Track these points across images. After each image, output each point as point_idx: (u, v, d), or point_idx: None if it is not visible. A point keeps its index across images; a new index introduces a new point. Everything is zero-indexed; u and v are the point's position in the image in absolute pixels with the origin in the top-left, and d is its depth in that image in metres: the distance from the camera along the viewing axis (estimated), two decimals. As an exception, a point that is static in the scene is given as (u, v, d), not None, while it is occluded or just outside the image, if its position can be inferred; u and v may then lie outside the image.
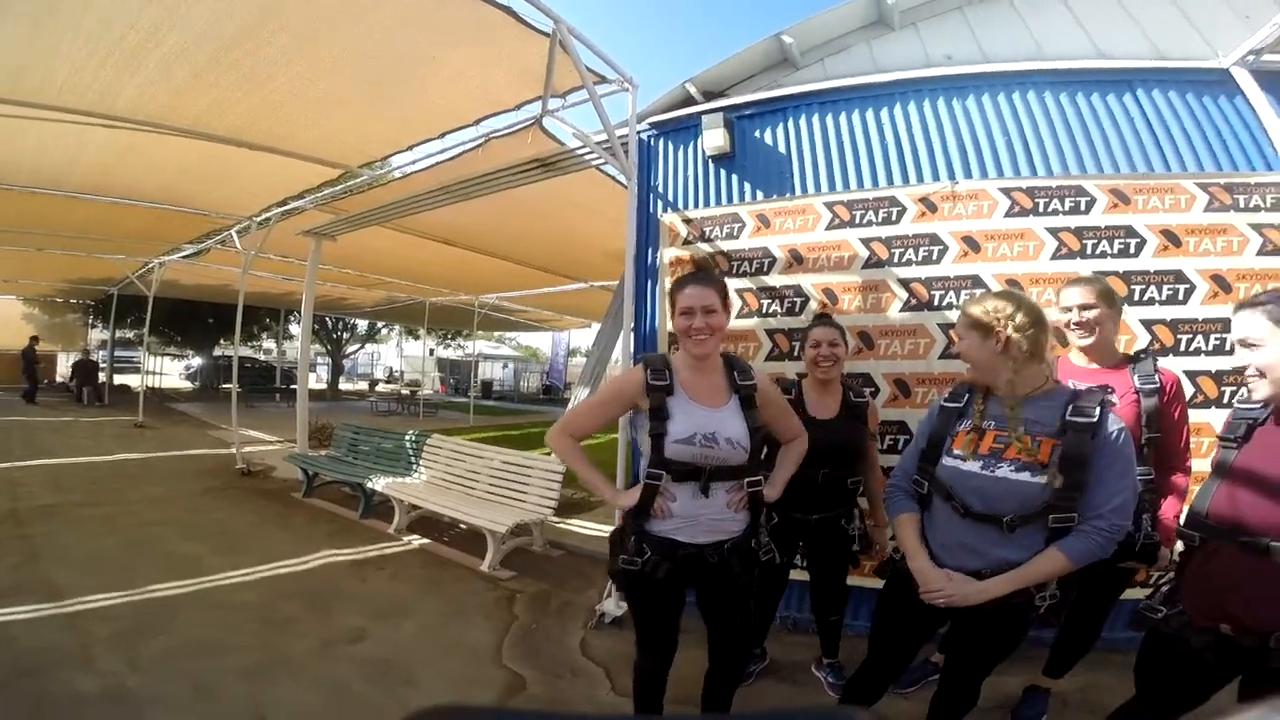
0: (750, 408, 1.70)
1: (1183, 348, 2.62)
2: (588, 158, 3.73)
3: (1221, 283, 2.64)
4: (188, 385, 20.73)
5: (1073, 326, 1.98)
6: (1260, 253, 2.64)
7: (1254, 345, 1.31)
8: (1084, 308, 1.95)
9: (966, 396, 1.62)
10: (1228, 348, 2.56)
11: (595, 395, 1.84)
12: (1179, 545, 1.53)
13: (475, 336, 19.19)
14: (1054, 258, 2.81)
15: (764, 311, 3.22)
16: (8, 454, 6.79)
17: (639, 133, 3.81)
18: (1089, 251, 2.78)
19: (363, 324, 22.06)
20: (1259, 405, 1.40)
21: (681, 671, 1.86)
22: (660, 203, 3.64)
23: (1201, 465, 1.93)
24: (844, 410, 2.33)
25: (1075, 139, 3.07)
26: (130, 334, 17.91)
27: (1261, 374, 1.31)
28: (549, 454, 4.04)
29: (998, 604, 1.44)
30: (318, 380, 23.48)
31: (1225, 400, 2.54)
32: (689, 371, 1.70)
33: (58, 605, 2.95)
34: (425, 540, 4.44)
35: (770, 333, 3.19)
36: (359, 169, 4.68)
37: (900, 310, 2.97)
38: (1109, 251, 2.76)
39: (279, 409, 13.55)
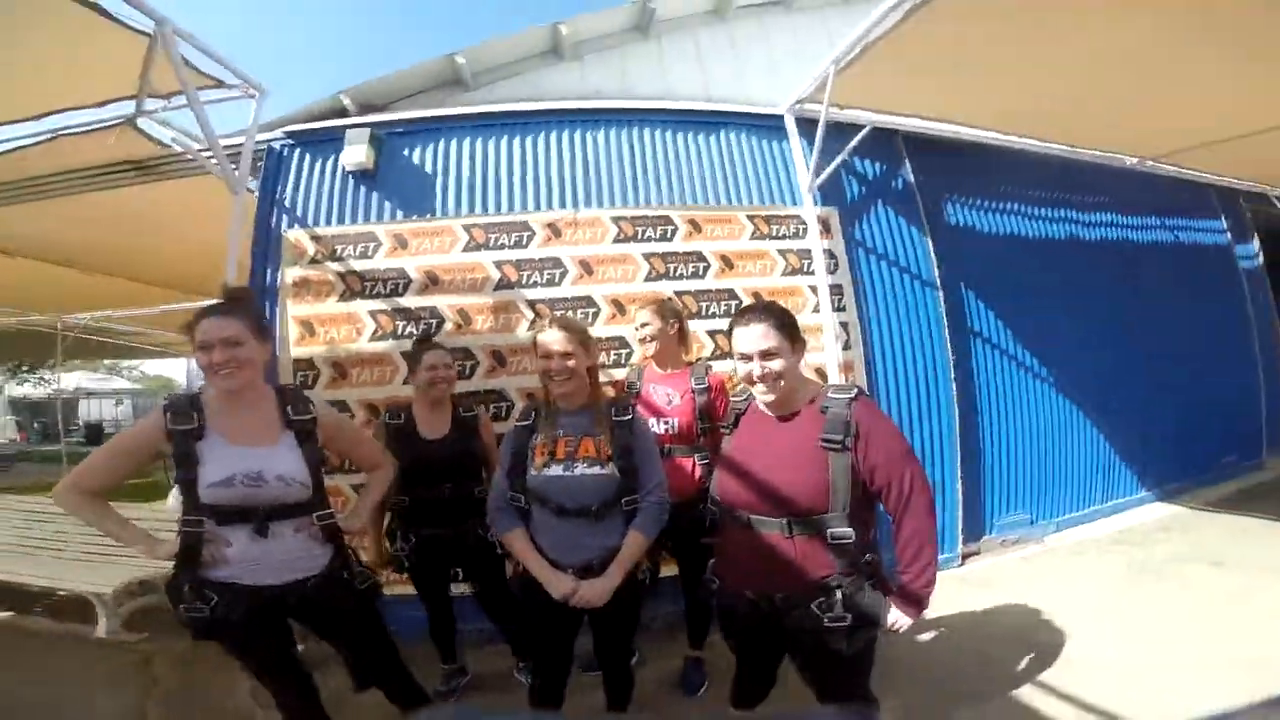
0: (309, 442, 1.70)
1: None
2: (194, 164, 3.40)
3: (759, 299, 3.45)
4: None
5: (644, 341, 2.50)
6: (783, 273, 3.53)
7: (774, 354, 1.52)
8: (642, 325, 2.48)
9: (534, 414, 1.87)
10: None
11: (110, 444, 1.69)
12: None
13: (68, 367, 14.83)
14: (646, 279, 3.39)
15: (399, 334, 3.26)
16: None
17: (270, 141, 3.61)
18: (671, 274, 3.41)
19: None
20: (743, 398, 1.75)
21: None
22: (286, 217, 3.46)
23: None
24: (454, 426, 2.50)
25: (672, 172, 3.71)
26: None
27: (780, 378, 1.53)
28: (165, 504, 3.55)
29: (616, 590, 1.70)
30: None
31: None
32: (225, 410, 1.63)
33: None
34: (8, 614, 3.62)
35: (409, 352, 3.26)
36: None
37: (526, 330, 3.28)
38: (685, 274, 3.42)
39: None
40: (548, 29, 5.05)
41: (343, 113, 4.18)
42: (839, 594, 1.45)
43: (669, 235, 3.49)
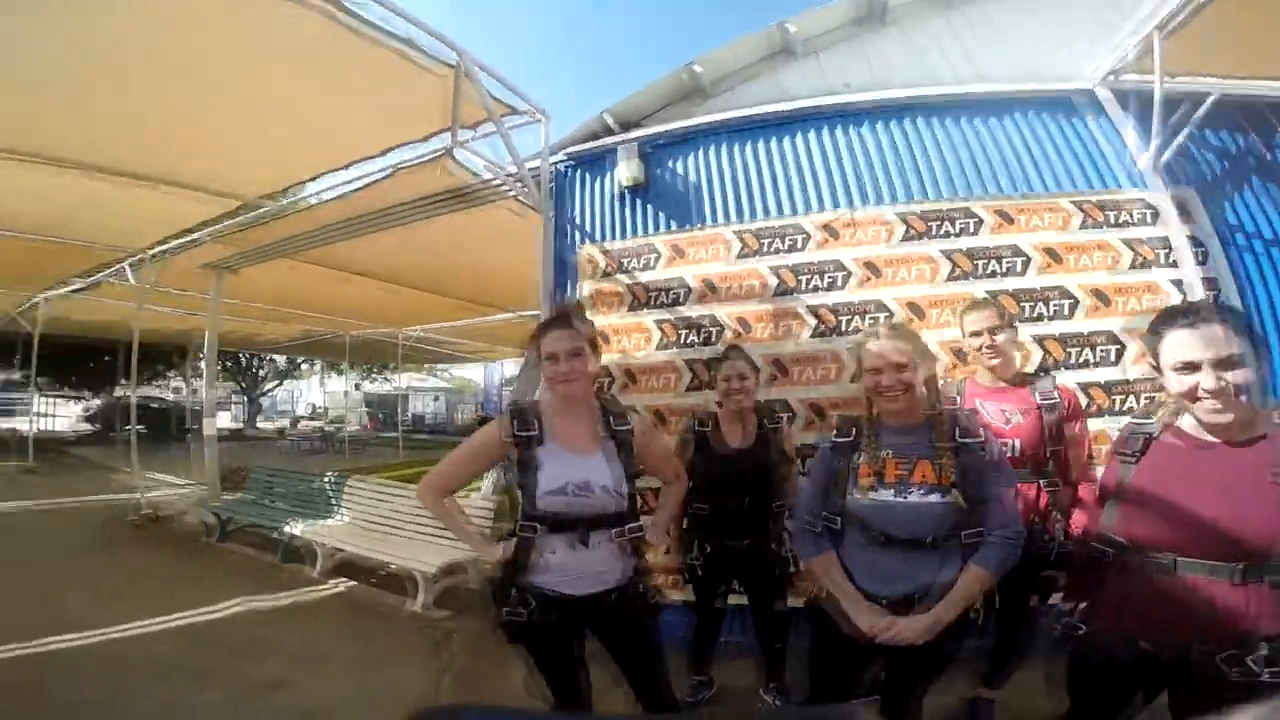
0: (626, 453, 1.66)
1: (1073, 360, 2.77)
2: (501, 189, 3.65)
3: (1101, 296, 2.81)
4: (87, 428, 18.92)
5: (983, 350, 2.04)
6: (1133, 266, 2.85)
7: (1236, 363, 1.20)
8: (993, 330, 2.02)
9: (854, 429, 1.64)
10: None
11: (463, 447, 1.73)
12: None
13: (402, 370, 18.36)
14: (949, 279, 2.94)
15: (682, 342, 3.21)
16: None
17: (554, 164, 3.77)
18: (980, 272, 2.92)
19: (281, 359, 20.72)
20: (1150, 420, 1.43)
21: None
22: (577, 234, 3.58)
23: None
24: (759, 438, 2.36)
25: (961, 162, 3.23)
26: (18, 375, 16.08)
27: (1241, 393, 1.20)
28: (478, 488, 3.88)
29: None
30: (232, 420, 22.13)
31: (1118, 409, 2.68)
32: (560, 417, 1.64)
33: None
34: (351, 583, 4.19)
35: (689, 363, 3.17)
36: (258, 200, 4.38)
37: (810, 336, 3.03)
38: (998, 271, 2.91)
39: (188, 451, 12.51)
40: (774, 29, 4.81)
41: (606, 131, 4.29)
42: None
43: (972, 229, 3.00)
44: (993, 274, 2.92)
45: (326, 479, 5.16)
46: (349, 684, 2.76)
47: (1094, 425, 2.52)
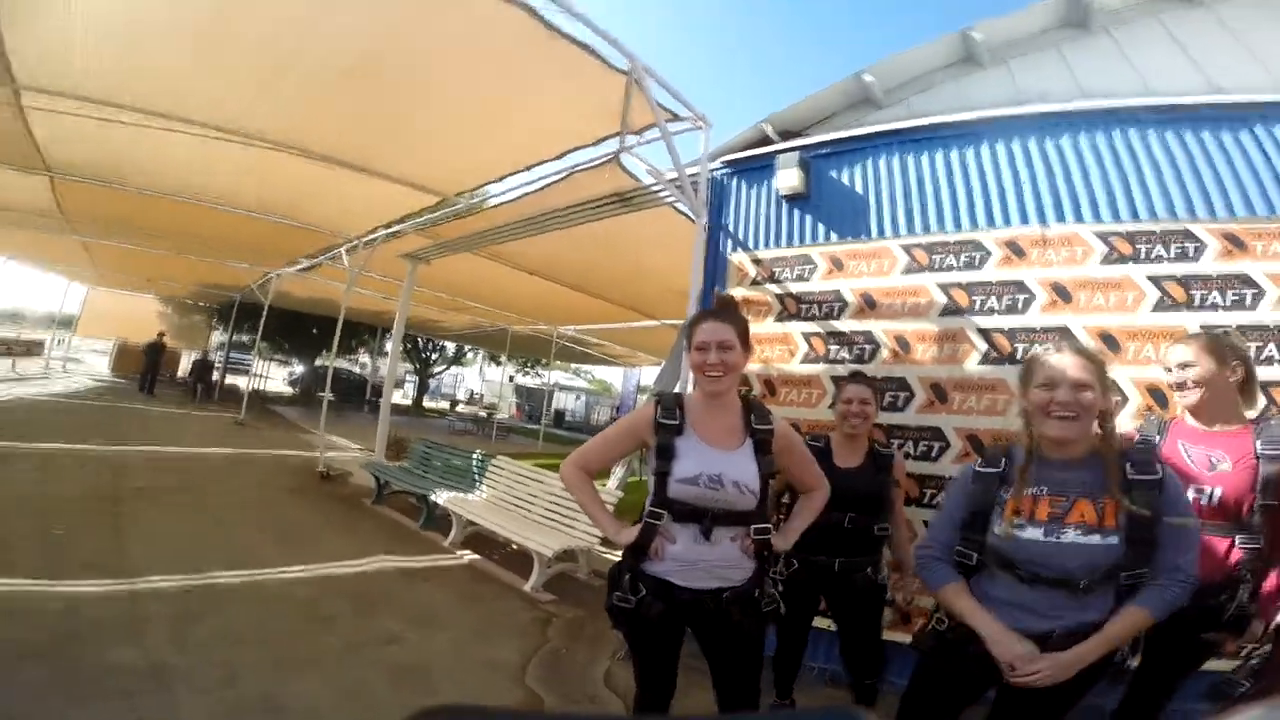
0: (765, 453, 1.65)
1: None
2: (661, 194, 3.84)
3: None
4: (289, 390, 22.67)
5: (1173, 386, 1.89)
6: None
7: None
8: (1183, 365, 1.84)
9: (1004, 459, 1.53)
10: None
11: (608, 431, 1.81)
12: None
13: (552, 366, 20.01)
14: (1156, 309, 2.59)
15: (830, 357, 3.14)
16: (120, 438, 7.43)
17: (712, 171, 3.88)
18: (1197, 303, 2.53)
19: (450, 346, 23.31)
20: None
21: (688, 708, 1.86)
22: (730, 241, 3.65)
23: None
24: (869, 460, 2.35)
25: (1184, 180, 2.82)
26: (245, 338, 19.80)
27: None
28: (604, 484, 4.07)
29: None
30: (403, 396, 25.01)
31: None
32: (703, 411, 1.67)
33: (124, 582, 3.12)
34: (476, 556, 4.59)
35: (836, 380, 3.10)
36: (455, 197, 5.03)
37: (979, 363, 2.82)
38: (1221, 304, 2.50)
39: (366, 419, 14.54)
40: (958, 37, 4.55)
41: (766, 140, 4.34)
42: None
43: (1191, 254, 2.61)
44: (1213, 306, 2.52)
45: (474, 457, 5.66)
46: (450, 648, 2.99)
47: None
